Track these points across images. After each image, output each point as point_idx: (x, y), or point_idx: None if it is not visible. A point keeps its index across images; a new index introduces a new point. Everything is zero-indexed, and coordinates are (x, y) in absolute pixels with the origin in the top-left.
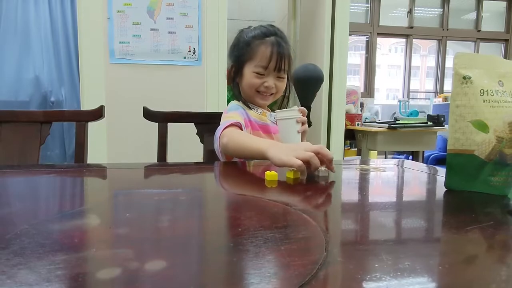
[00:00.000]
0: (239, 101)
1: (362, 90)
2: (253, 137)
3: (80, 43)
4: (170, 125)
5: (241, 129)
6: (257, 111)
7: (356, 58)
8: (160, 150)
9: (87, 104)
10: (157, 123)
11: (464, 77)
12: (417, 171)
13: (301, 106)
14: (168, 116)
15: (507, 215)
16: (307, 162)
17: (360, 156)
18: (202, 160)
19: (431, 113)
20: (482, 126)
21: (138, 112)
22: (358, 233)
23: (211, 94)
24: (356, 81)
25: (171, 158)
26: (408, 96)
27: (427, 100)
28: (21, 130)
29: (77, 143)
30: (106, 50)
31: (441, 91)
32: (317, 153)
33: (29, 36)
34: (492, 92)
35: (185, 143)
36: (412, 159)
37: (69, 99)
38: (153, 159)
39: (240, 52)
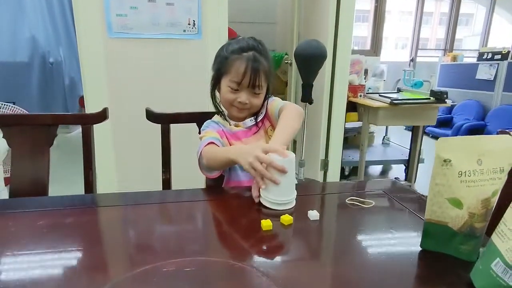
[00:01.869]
0: (218, 113)
1: (368, 44)
2: (222, 150)
3: (76, 17)
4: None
5: (217, 144)
6: (230, 124)
7: (366, 3)
8: (164, 151)
9: (89, 81)
10: (160, 124)
11: (445, 160)
12: (402, 206)
13: (303, 83)
14: (170, 117)
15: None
16: None
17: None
18: None
19: (437, 74)
20: (457, 203)
21: (140, 90)
22: None
23: None
24: (364, 30)
25: (175, 157)
26: (417, 47)
27: (435, 57)
28: (30, 133)
29: (84, 145)
30: (103, 23)
31: (451, 48)
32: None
33: None
34: (469, 173)
35: (188, 142)
36: (413, 131)
37: (68, 59)
38: (158, 144)
39: (219, 66)
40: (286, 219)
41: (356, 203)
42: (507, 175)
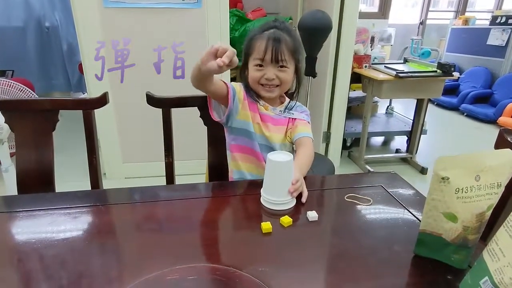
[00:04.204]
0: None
1: (377, 3)
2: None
3: None
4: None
5: (227, 85)
6: (259, 104)
7: None
8: (166, 135)
9: (87, 52)
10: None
11: (443, 178)
12: (400, 204)
13: (306, 56)
14: (171, 101)
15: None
16: None
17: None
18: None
19: (447, 38)
20: (452, 217)
21: (138, 59)
22: None
23: (213, 38)
24: None
25: (177, 140)
26: (428, 7)
27: (446, 20)
28: (31, 118)
29: (86, 130)
30: None
31: (464, 8)
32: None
33: None
34: (466, 189)
35: (190, 125)
36: (417, 102)
37: (64, 24)
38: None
39: (245, 50)
40: (286, 220)
41: (354, 201)
42: (503, 189)
